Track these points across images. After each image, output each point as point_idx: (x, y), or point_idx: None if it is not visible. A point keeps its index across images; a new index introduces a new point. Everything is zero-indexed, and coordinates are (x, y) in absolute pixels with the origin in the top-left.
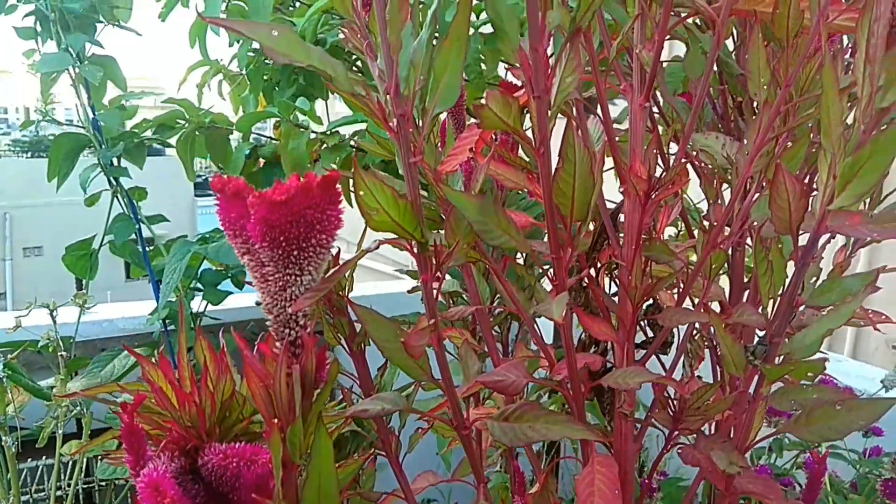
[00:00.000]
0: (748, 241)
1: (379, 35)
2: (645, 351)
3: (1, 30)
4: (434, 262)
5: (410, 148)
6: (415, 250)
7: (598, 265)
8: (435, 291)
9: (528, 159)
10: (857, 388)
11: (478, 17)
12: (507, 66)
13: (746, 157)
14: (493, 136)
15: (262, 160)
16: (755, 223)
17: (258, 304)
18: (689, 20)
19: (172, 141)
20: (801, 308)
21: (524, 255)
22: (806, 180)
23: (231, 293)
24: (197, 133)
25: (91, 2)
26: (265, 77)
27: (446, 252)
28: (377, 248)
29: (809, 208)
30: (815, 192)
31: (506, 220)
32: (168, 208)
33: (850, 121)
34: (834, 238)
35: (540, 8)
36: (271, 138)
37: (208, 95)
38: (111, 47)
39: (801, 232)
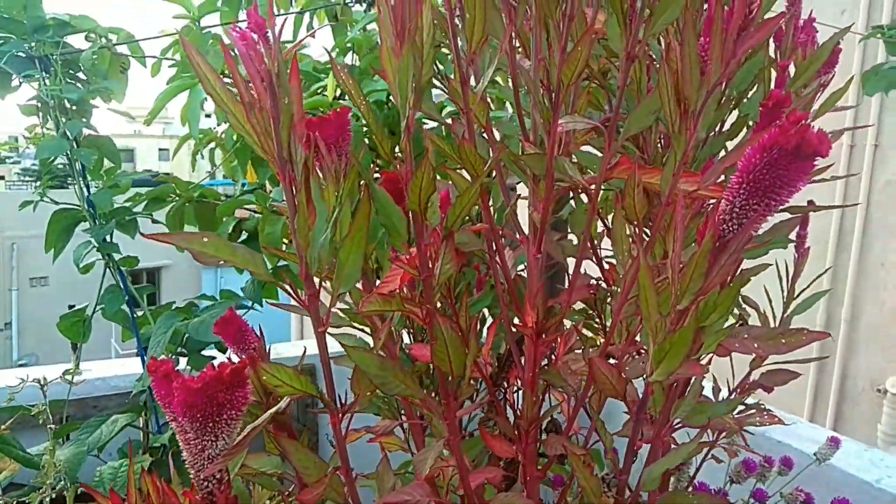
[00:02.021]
0: None
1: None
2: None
3: None
4: (340, 409)
5: (321, 320)
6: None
7: (507, 385)
8: (344, 430)
9: None
10: (808, 452)
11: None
12: (395, 253)
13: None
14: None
15: (245, 232)
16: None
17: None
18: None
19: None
20: (678, 422)
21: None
22: None
23: (215, 358)
24: (186, 205)
25: (88, 89)
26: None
27: (353, 400)
28: (287, 406)
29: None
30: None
31: (402, 374)
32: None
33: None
34: None
35: (421, 214)
36: (254, 212)
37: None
38: None
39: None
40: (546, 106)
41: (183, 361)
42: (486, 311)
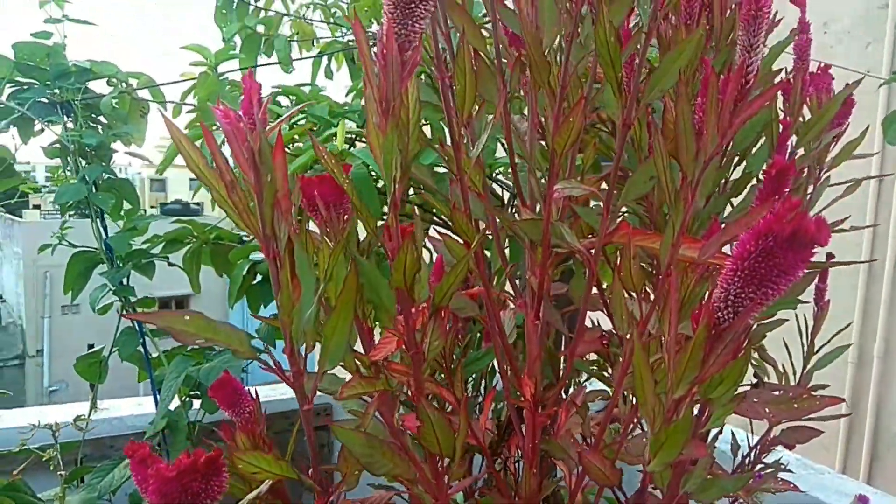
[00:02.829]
0: None
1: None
2: None
3: None
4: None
5: (306, 397)
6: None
7: (508, 453)
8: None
9: None
10: None
11: None
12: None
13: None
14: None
15: (259, 275)
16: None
17: None
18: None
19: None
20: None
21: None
22: None
23: None
24: (203, 247)
25: (107, 134)
26: None
27: (340, 480)
28: (265, 490)
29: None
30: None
31: (390, 452)
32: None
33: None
34: None
35: (407, 292)
36: None
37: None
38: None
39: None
40: (541, 171)
41: (196, 403)
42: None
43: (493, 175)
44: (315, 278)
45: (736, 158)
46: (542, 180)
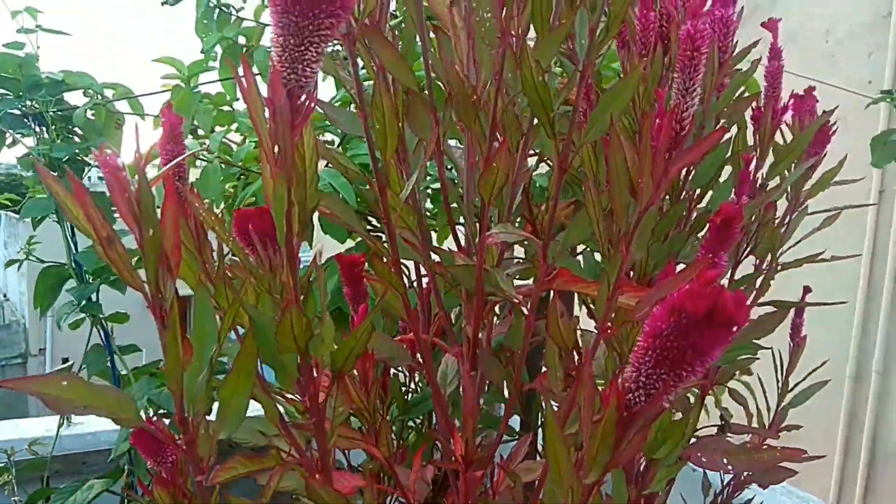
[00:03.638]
0: None
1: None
2: None
3: None
4: None
5: (200, 467)
6: None
7: None
8: None
9: None
10: None
11: None
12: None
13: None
14: None
15: None
16: None
17: None
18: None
19: None
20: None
21: None
22: None
23: None
24: None
25: (76, 147)
26: None
27: None
28: None
29: None
30: None
31: None
32: None
33: None
34: None
35: (303, 357)
36: None
37: None
38: None
39: None
40: (474, 216)
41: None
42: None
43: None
44: (215, 336)
45: (695, 196)
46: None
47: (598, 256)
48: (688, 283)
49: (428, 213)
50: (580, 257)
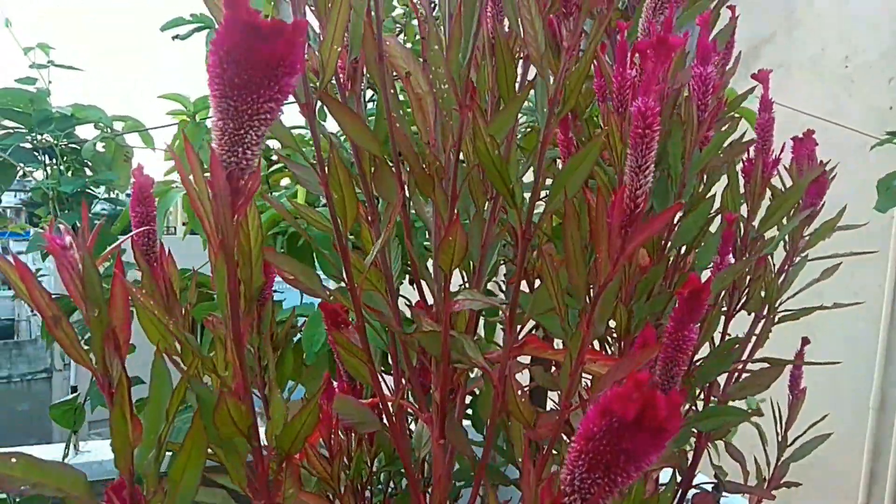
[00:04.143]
0: None
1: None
2: None
3: None
4: None
5: None
6: None
7: None
8: None
9: None
10: None
11: None
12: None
13: None
14: None
15: None
16: None
17: None
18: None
19: None
20: None
21: None
22: None
23: None
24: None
25: (84, 181)
26: None
27: None
28: None
29: None
30: None
31: None
32: None
33: None
34: None
35: (247, 440)
36: None
37: None
38: None
39: None
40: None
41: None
42: None
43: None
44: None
45: (680, 257)
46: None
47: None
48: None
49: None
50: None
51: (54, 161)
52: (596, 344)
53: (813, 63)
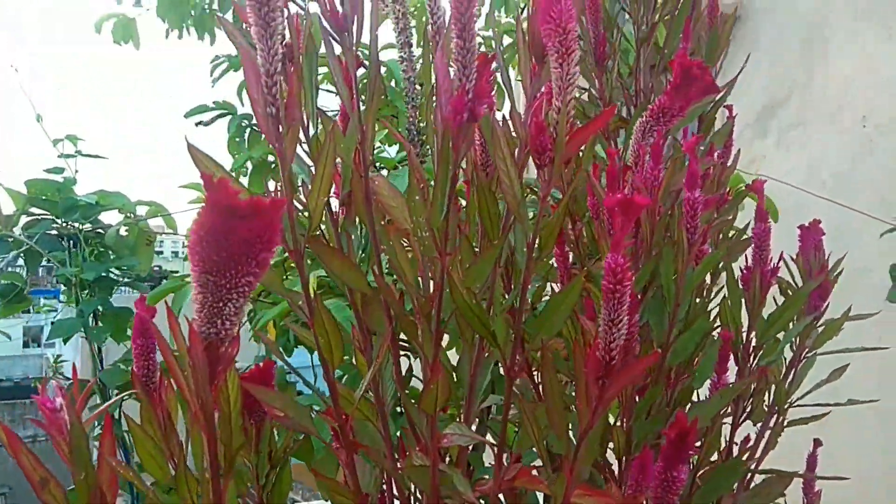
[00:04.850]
0: None
1: None
2: None
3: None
4: None
5: None
6: None
7: None
8: None
9: None
10: None
11: None
12: None
13: None
14: None
15: None
16: None
17: None
18: None
19: None
20: None
21: None
22: None
23: None
24: None
25: (106, 267)
26: None
27: None
28: None
29: None
30: None
31: None
32: None
33: None
34: None
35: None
36: None
37: None
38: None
39: None
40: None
41: None
42: None
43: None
44: None
45: (673, 375)
46: None
47: None
48: None
49: None
50: None
51: (78, 247)
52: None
53: (831, 122)
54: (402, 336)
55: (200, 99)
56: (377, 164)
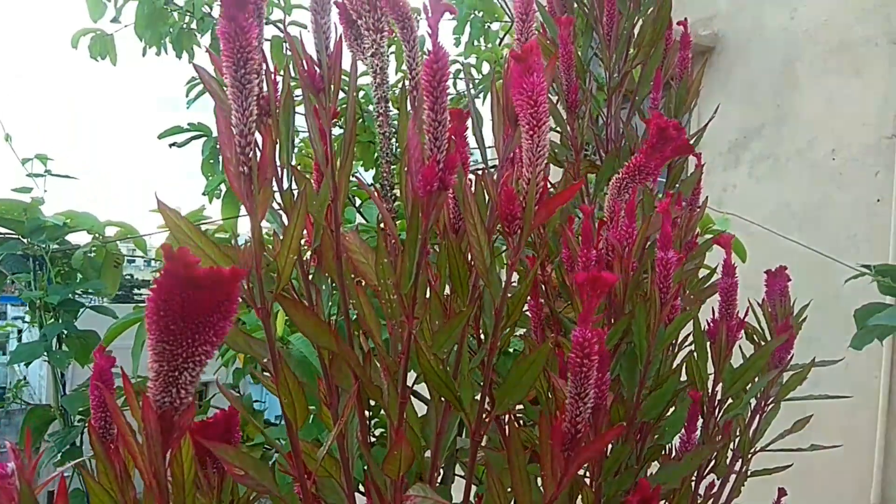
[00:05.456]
0: None
1: None
2: None
3: None
4: None
5: None
6: None
7: None
8: None
9: None
10: None
11: None
12: None
13: None
14: None
15: None
16: None
17: None
18: None
19: None
20: None
21: None
22: None
23: None
24: None
25: (70, 290)
26: None
27: None
28: None
29: None
30: None
31: None
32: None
33: None
34: None
35: None
36: None
37: None
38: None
39: None
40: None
41: None
42: None
43: None
44: None
45: (645, 429)
46: None
47: None
48: None
49: None
50: None
51: (44, 268)
52: None
53: (800, 155)
54: None
55: (175, 120)
56: (351, 196)
